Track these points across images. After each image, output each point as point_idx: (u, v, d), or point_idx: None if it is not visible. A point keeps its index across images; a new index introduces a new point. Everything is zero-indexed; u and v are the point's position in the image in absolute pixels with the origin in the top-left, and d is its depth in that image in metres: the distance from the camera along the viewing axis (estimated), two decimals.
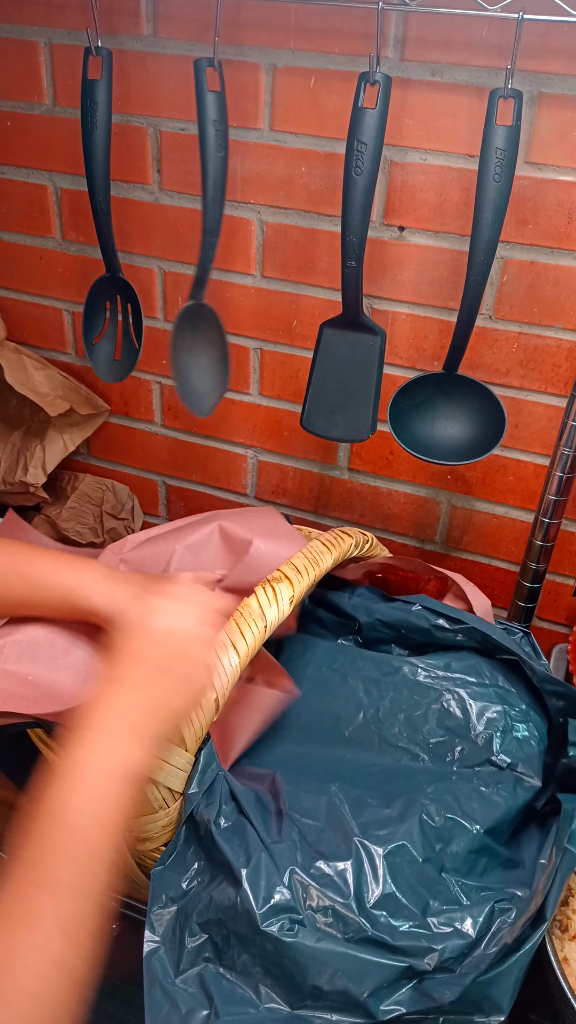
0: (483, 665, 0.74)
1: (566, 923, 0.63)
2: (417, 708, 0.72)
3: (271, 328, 0.97)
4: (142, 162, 0.94)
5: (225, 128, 0.78)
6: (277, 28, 0.81)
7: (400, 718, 0.72)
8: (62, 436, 1.11)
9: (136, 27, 0.86)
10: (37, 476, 1.09)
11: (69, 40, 0.90)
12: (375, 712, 0.73)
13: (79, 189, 0.98)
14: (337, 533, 0.76)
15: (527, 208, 0.81)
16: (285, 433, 1.04)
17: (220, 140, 0.78)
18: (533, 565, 0.92)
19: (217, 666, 0.58)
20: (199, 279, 0.85)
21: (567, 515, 0.93)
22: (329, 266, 0.91)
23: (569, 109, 0.75)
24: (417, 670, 0.74)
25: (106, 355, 0.97)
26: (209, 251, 0.83)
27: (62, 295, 1.07)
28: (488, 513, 0.99)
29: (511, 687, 0.73)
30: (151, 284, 1.00)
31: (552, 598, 1.01)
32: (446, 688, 0.72)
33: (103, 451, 1.18)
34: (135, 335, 0.95)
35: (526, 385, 0.89)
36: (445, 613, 0.76)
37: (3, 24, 0.92)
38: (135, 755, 0.50)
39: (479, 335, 0.88)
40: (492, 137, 0.69)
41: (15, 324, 1.12)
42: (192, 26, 0.84)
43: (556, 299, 0.84)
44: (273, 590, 0.64)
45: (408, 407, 0.86)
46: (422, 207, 0.84)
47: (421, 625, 0.76)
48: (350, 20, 0.78)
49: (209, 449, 1.10)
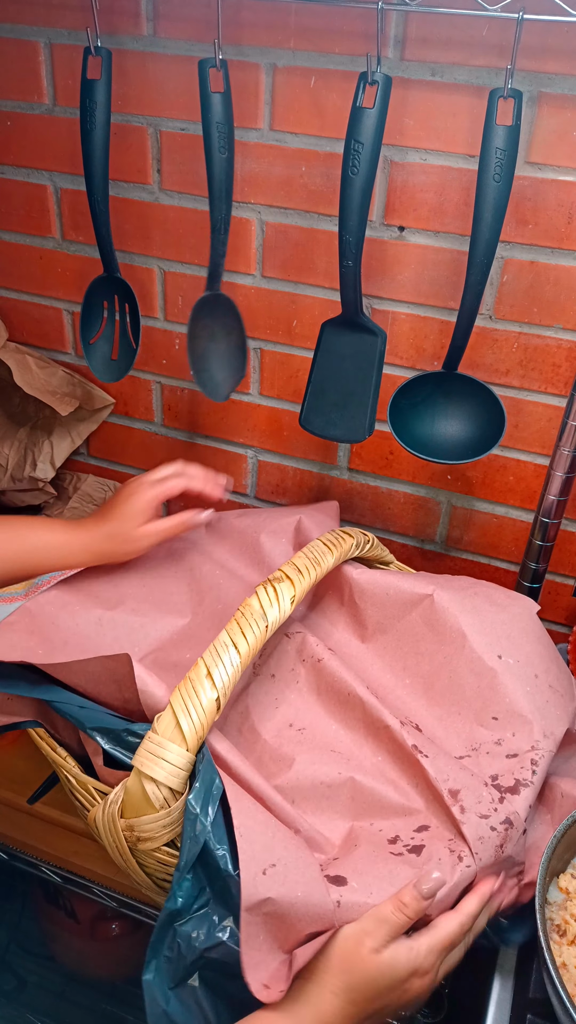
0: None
1: (564, 928, 0.63)
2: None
3: (271, 328, 0.97)
4: (142, 162, 0.94)
5: (230, 129, 0.79)
6: (277, 28, 0.81)
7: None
8: (69, 431, 1.11)
9: (136, 27, 0.86)
10: (46, 471, 1.09)
11: (69, 40, 0.90)
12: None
13: (79, 189, 0.98)
14: (338, 533, 0.76)
15: (527, 208, 0.81)
16: (285, 433, 1.04)
17: (224, 141, 0.78)
18: (533, 565, 0.92)
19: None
20: (213, 273, 0.87)
21: (567, 515, 0.93)
22: (329, 266, 0.91)
23: (569, 109, 0.75)
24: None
25: (103, 355, 0.97)
26: (220, 248, 0.84)
27: (62, 295, 1.07)
28: (488, 513, 0.99)
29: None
30: (151, 284, 1.00)
31: (552, 598, 1.01)
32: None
33: (103, 451, 1.18)
34: (132, 335, 0.95)
35: (526, 385, 0.89)
36: None
37: (3, 24, 0.92)
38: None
39: (479, 335, 0.88)
40: (492, 137, 0.69)
41: (15, 324, 1.12)
42: (192, 26, 0.84)
43: (556, 299, 0.84)
44: (275, 589, 0.64)
45: (408, 406, 0.86)
46: (422, 207, 0.84)
47: None
48: (350, 20, 0.78)
49: (209, 449, 1.10)
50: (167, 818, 0.57)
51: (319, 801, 0.65)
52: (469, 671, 0.71)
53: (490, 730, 0.68)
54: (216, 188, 0.80)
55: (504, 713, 0.68)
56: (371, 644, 0.76)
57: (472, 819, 0.61)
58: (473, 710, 0.69)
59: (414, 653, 0.73)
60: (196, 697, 0.57)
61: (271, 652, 0.74)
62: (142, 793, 0.57)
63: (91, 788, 0.63)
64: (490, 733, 0.68)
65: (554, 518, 0.88)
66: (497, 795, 0.63)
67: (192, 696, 0.57)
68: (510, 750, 0.66)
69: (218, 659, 0.59)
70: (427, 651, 0.73)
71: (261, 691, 0.71)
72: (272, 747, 0.68)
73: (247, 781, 0.60)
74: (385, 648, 0.75)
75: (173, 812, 0.57)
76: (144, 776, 0.56)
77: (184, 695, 0.57)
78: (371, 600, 0.76)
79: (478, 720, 0.69)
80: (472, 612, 0.74)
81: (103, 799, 0.61)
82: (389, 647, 0.75)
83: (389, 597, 0.76)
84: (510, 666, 0.70)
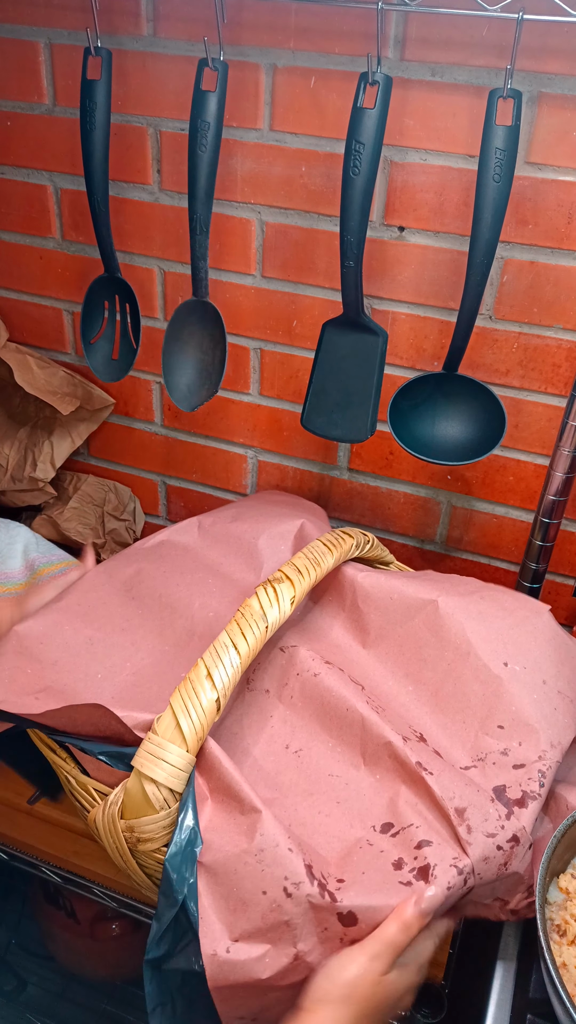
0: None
1: (564, 928, 0.63)
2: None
3: (271, 328, 0.97)
4: (142, 162, 0.93)
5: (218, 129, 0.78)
6: (277, 28, 0.81)
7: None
8: (69, 431, 1.11)
9: (136, 27, 0.86)
10: (46, 471, 1.09)
11: (69, 40, 0.90)
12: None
13: (79, 189, 0.98)
14: (338, 534, 0.76)
15: (527, 208, 0.80)
16: (285, 433, 1.04)
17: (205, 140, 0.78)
18: (533, 565, 0.92)
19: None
20: (196, 277, 0.87)
21: (567, 515, 0.93)
22: (329, 266, 0.91)
23: (569, 109, 0.75)
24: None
25: (104, 355, 0.97)
26: (199, 250, 0.84)
27: (62, 295, 1.07)
28: (488, 513, 0.99)
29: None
30: (151, 284, 1.00)
31: (552, 598, 1.01)
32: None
33: (103, 451, 1.18)
34: (133, 335, 0.95)
35: (526, 385, 0.89)
36: None
37: (3, 24, 0.92)
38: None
39: (479, 335, 0.88)
40: (492, 137, 0.69)
41: (15, 324, 1.11)
42: (192, 26, 0.84)
43: (556, 299, 0.84)
44: (275, 590, 0.64)
45: (408, 407, 0.86)
46: (422, 207, 0.84)
47: None
48: (350, 20, 0.78)
49: (209, 449, 1.10)
50: (167, 819, 0.57)
51: (316, 826, 0.62)
52: (474, 678, 0.70)
53: (496, 739, 0.67)
54: (195, 187, 0.80)
55: (510, 722, 0.67)
56: (373, 650, 0.75)
57: (479, 838, 0.59)
58: (478, 718, 0.68)
59: (417, 660, 0.72)
60: (196, 698, 0.57)
61: (265, 667, 0.72)
62: (142, 794, 0.57)
63: (91, 789, 0.63)
64: (496, 742, 0.67)
65: (554, 518, 0.88)
66: (504, 811, 0.62)
67: (192, 697, 0.57)
68: (517, 760, 0.65)
69: (218, 660, 0.59)
70: (431, 658, 0.72)
71: (255, 708, 0.70)
72: (268, 773, 0.66)
73: (238, 792, 0.59)
74: (388, 654, 0.74)
75: (173, 813, 0.57)
76: (144, 777, 0.56)
77: (184, 696, 0.57)
78: (375, 605, 0.75)
79: (484, 729, 0.68)
80: (478, 618, 0.73)
81: (103, 800, 0.61)
82: (392, 653, 0.74)
83: (393, 602, 0.75)
84: (516, 673, 0.69)
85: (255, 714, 0.69)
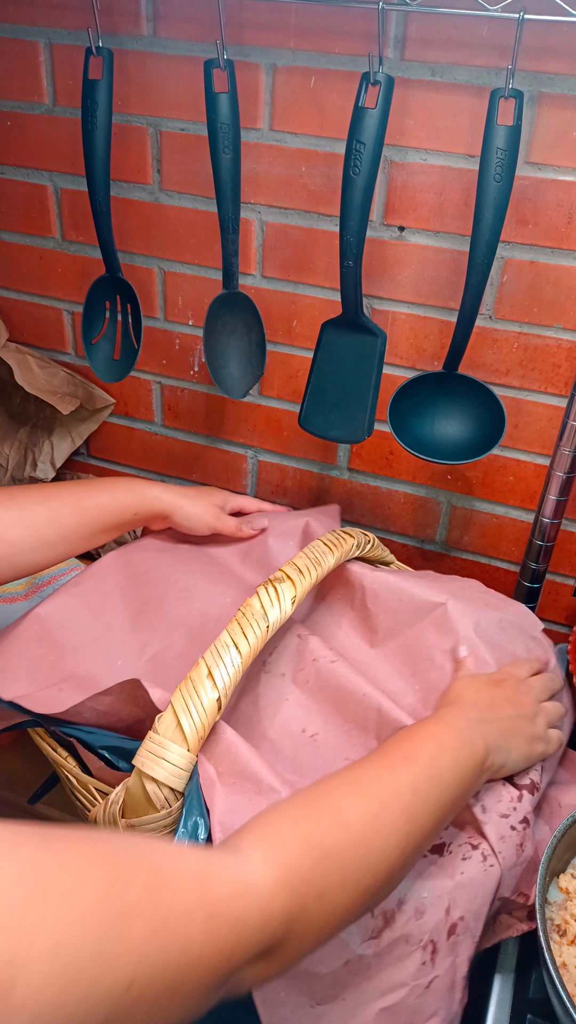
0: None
1: (564, 927, 0.63)
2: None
3: (271, 328, 0.97)
4: (142, 162, 0.94)
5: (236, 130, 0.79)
6: (277, 28, 0.81)
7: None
8: (69, 431, 1.11)
9: (136, 27, 0.86)
10: (46, 472, 1.09)
11: (69, 40, 0.90)
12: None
13: (79, 189, 0.98)
14: (339, 533, 0.76)
15: (527, 208, 0.81)
16: (285, 433, 1.04)
17: (228, 142, 0.79)
18: (533, 565, 0.92)
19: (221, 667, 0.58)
20: (227, 271, 0.87)
21: (567, 515, 0.93)
22: (329, 266, 0.91)
23: (569, 109, 0.75)
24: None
25: (105, 355, 0.97)
26: (231, 247, 0.85)
27: (62, 295, 1.07)
28: (488, 513, 0.99)
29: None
30: (151, 284, 1.00)
31: (552, 598, 1.01)
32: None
33: (103, 451, 1.18)
34: (134, 335, 0.95)
35: (526, 385, 0.90)
36: None
37: (3, 24, 0.92)
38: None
39: (479, 335, 0.88)
40: (492, 137, 0.69)
41: (15, 324, 1.12)
42: (193, 26, 0.84)
43: (556, 299, 0.84)
44: (275, 590, 0.64)
45: (408, 406, 0.86)
46: (422, 207, 0.84)
47: None
48: (350, 20, 0.78)
49: (209, 449, 1.10)
50: (168, 818, 0.57)
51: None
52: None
53: None
54: (223, 188, 0.80)
55: None
56: (380, 649, 0.76)
57: (493, 818, 0.62)
58: None
59: (424, 659, 0.73)
60: (197, 697, 0.57)
61: (281, 651, 0.73)
62: (143, 793, 0.57)
63: (92, 788, 0.63)
64: None
65: (554, 518, 0.88)
66: (516, 792, 0.64)
67: (193, 696, 0.57)
68: None
69: (219, 659, 0.59)
70: (437, 658, 0.73)
71: (271, 691, 0.71)
72: (286, 756, 0.67)
73: (255, 774, 0.59)
74: (395, 653, 0.75)
75: (174, 812, 0.57)
76: (145, 776, 0.56)
77: (185, 695, 0.57)
78: (383, 605, 0.76)
79: None
80: (481, 624, 0.75)
81: (104, 799, 0.61)
82: (399, 653, 0.75)
83: (402, 603, 0.76)
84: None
85: (271, 696, 0.70)
